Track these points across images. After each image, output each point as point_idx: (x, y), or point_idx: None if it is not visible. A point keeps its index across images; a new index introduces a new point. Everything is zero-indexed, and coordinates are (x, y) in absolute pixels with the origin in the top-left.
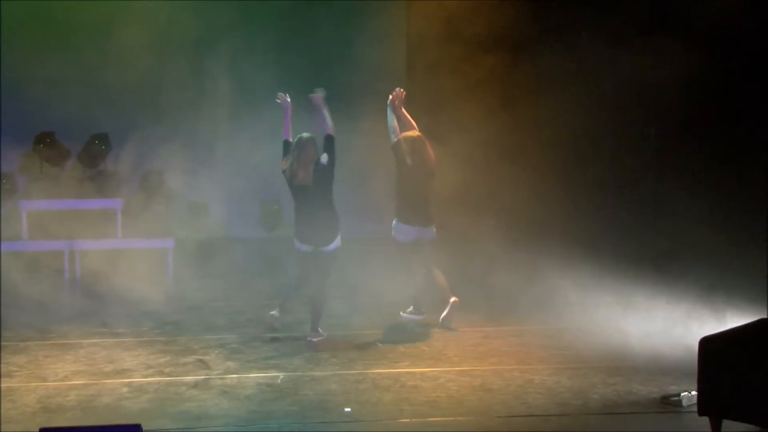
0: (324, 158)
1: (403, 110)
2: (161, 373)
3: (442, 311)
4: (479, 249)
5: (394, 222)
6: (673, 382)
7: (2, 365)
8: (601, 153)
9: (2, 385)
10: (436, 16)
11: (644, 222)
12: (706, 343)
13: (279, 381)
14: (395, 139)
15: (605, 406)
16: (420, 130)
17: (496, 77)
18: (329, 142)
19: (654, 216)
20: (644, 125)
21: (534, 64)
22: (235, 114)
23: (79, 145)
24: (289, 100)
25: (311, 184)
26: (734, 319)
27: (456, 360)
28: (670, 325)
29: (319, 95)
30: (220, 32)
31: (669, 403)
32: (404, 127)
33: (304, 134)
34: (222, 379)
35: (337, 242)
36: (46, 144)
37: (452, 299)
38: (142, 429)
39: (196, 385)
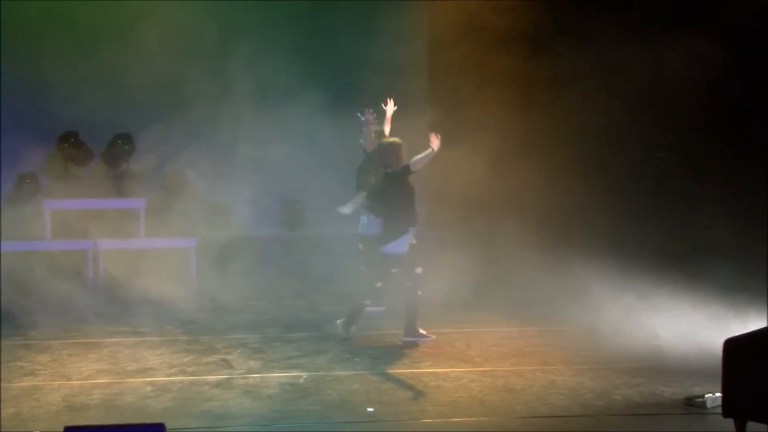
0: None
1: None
2: (184, 372)
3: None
4: (500, 249)
5: (366, 218)
6: (696, 384)
7: (27, 364)
8: (623, 153)
9: (27, 383)
10: (457, 15)
11: (666, 223)
12: (731, 344)
13: (302, 381)
14: (370, 149)
15: (628, 408)
16: (441, 131)
17: (519, 76)
18: (406, 166)
19: (677, 217)
20: (667, 125)
21: (556, 63)
22: (257, 114)
23: (102, 145)
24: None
25: (378, 189)
26: (757, 320)
27: (478, 360)
28: (693, 326)
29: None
30: (241, 33)
31: (693, 405)
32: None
33: (383, 140)
34: (245, 378)
35: (390, 246)
36: (70, 143)
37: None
38: (165, 428)
39: (218, 384)
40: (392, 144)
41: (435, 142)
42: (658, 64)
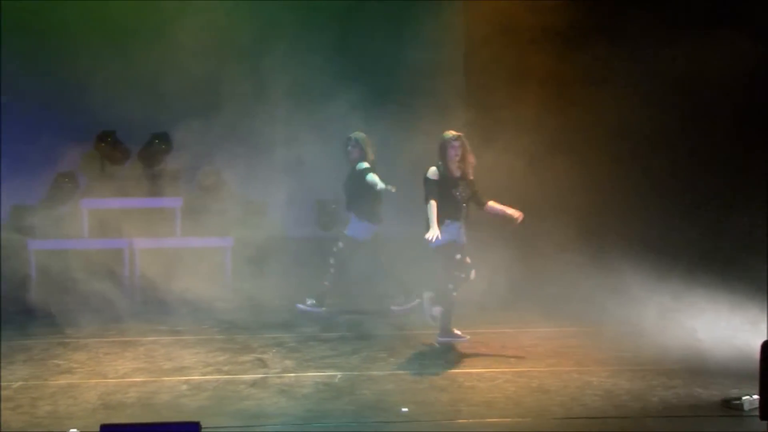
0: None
1: None
2: (220, 371)
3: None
4: (536, 249)
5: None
6: (734, 386)
7: (64, 362)
8: (659, 152)
9: (64, 381)
10: (492, 15)
11: (702, 223)
12: None
13: (336, 380)
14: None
15: (665, 409)
16: (478, 130)
17: (555, 75)
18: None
19: (713, 217)
20: (704, 124)
21: (593, 61)
22: (292, 114)
23: (139, 145)
24: None
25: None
26: None
27: (513, 361)
28: (730, 328)
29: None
30: (276, 33)
31: (730, 407)
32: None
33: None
34: (280, 377)
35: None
36: (107, 143)
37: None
38: (200, 426)
39: (254, 383)
40: (440, 140)
41: (431, 235)
42: (695, 62)
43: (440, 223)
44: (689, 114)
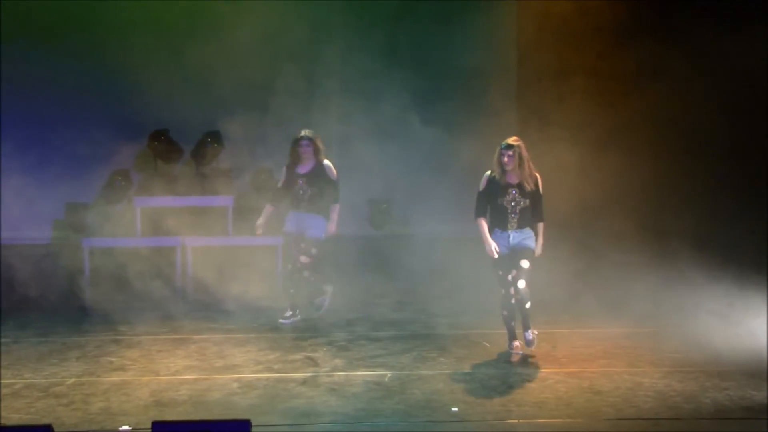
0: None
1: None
2: (270, 370)
3: None
4: (589, 248)
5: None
6: None
7: (117, 359)
8: (718, 152)
9: (117, 378)
10: (545, 15)
11: (757, 224)
12: None
13: (386, 379)
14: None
15: (717, 411)
16: (531, 130)
17: (607, 73)
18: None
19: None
20: (761, 120)
21: (647, 58)
22: (344, 114)
23: (192, 143)
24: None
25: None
26: None
27: (564, 361)
28: None
29: None
30: (328, 33)
31: None
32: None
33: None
34: (330, 376)
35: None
36: (161, 141)
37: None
38: (251, 424)
39: (304, 382)
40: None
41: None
42: (753, 56)
43: (490, 232)
44: (744, 110)
